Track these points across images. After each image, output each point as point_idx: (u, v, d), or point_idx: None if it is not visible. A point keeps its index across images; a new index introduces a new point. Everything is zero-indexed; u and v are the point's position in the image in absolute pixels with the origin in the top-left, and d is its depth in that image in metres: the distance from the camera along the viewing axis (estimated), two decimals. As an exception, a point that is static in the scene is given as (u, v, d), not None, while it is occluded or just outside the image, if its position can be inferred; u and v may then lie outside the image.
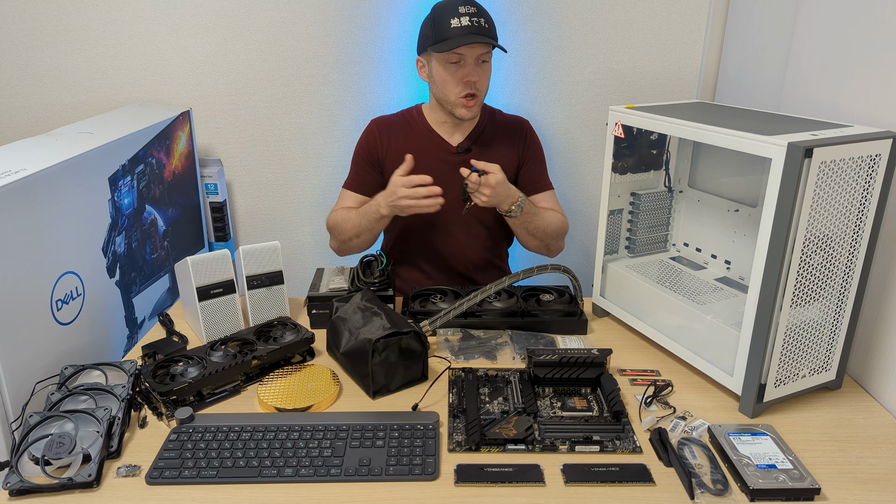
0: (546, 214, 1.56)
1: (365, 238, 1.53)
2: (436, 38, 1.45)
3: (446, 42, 1.42)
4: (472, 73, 1.46)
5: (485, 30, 1.44)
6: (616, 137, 1.29)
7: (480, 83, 1.48)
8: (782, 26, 1.45)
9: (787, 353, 1.04)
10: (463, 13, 1.43)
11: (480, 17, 1.45)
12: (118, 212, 1.42)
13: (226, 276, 1.30)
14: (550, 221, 1.56)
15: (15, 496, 0.89)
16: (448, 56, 1.45)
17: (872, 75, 1.14)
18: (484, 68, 1.48)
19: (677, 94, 1.90)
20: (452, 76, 1.47)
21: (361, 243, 1.55)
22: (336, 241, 1.59)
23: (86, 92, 1.90)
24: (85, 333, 1.28)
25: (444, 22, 1.44)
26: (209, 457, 0.95)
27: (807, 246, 0.98)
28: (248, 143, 1.95)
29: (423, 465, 0.94)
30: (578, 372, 1.12)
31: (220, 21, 1.83)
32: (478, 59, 1.46)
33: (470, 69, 1.46)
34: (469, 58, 1.45)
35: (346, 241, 1.55)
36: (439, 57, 1.47)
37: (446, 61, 1.46)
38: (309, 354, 1.27)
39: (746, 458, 0.93)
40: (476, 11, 1.45)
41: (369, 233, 1.51)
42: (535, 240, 1.56)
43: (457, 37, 1.42)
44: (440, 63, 1.47)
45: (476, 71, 1.46)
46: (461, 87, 1.47)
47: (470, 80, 1.46)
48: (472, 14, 1.44)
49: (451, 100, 1.50)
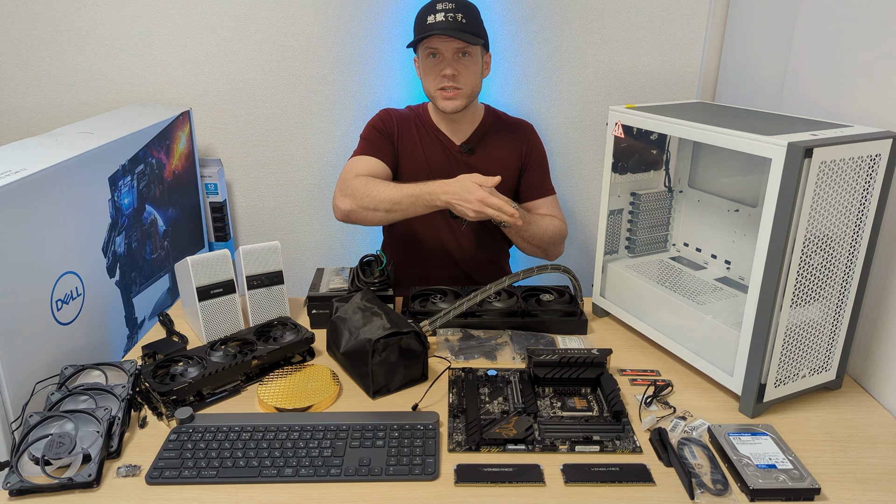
0: (542, 221, 1.55)
1: (392, 216, 1.42)
2: (415, 34, 1.50)
3: (418, 37, 1.47)
4: (448, 67, 1.47)
5: (460, 24, 1.45)
6: (616, 137, 1.29)
7: (461, 77, 1.49)
8: (782, 26, 1.45)
9: (787, 353, 1.04)
10: (440, 9, 1.46)
11: (458, 13, 1.46)
12: (118, 212, 1.42)
13: (226, 276, 1.30)
14: (547, 228, 1.55)
15: (15, 496, 0.89)
16: (424, 50, 1.50)
17: (872, 75, 1.14)
18: (464, 62, 1.49)
19: (677, 94, 1.90)
20: (431, 70, 1.51)
21: (383, 219, 1.44)
22: (353, 202, 1.44)
23: (86, 92, 1.90)
24: (85, 333, 1.28)
25: (423, 18, 1.49)
26: (209, 457, 0.95)
27: (807, 246, 0.98)
28: (248, 143, 1.95)
29: (423, 465, 0.94)
30: (578, 372, 1.12)
31: (220, 21, 1.83)
32: (456, 53, 1.47)
33: (446, 63, 1.47)
34: (446, 52, 1.47)
35: (368, 208, 1.42)
36: (420, 52, 1.52)
37: (425, 56, 1.51)
38: (309, 354, 1.27)
39: (746, 458, 0.93)
40: (453, 7, 1.46)
41: (402, 213, 1.40)
42: (532, 246, 1.56)
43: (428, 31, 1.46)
44: (422, 58, 1.52)
45: (453, 64, 1.47)
46: (438, 79, 1.49)
47: (445, 73, 1.47)
48: (447, 10, 1.46)
49: (431, 93, 1.53)
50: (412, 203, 1.39)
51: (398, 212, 1.41)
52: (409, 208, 1.40)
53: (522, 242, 1.55)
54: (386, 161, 1.55)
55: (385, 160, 1.55)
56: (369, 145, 1.57)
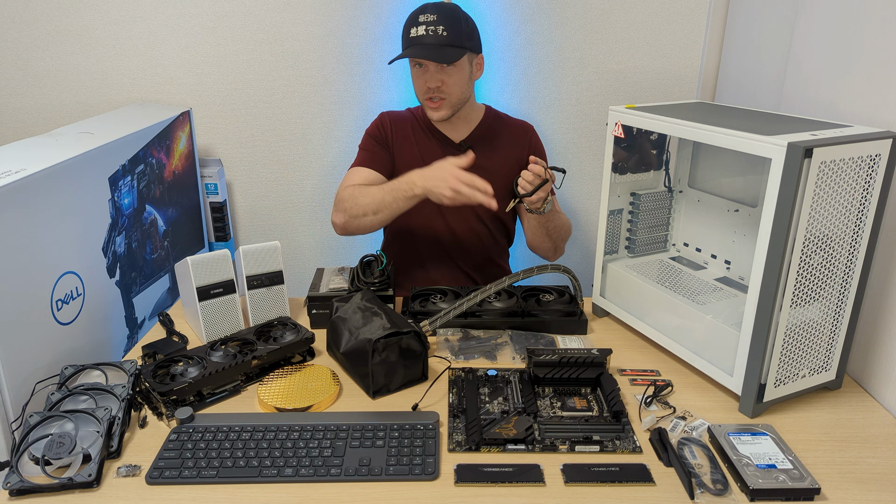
0: (561, 215, 1.58)
1: (381, 217, 1.44)
2: (402, 45, 1.52)
3: (399, 55, 1.48)
4: (431, 80, 1.48)
5: (441, 38, 1.45)
6: (616, 137, 1.29)
7: (445, 87, 1.49)
8: (782, 26, 1.45)
9: (787, 353, 1.04)
10: (421, 21, 1.47)
11: (438, 26, 1.45)
12: (118, 212, 1.42)
13: (226, 276, 1.30)
14: (564, 222, 1.59)
15: (15, 496, 0.89)
16: (411, 59, 1.50)
17: (872, 75, 1.14)
18: (448, 72, 1.48)
19: (677, 94, 1.90)
20: (417, 79, 1.52)
21: (374, 222, 1.46)
22: (345, 214, 1.48)
23: (86, 92, 1.90)
24: (85, 333, 1.28)
25: (407, 30, 1.50)
26: (209, 457, 0.95)
27: (807, 246, 0.98)
28: (248, 143, 1.95)
29: (423, 465, 0.94)
30: (578, 372, 1.12)
31: (220, 21, 1.83)
32: (439, 65, 1.47)
33: (430, 75, 1.48)
34: (430, 64, 1.48)
35: (358, 216, 1.45)
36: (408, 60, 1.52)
37: (412, 65, 1.52)
38: (309, 354, 1.27)
39: (746, 458, 0.93)
40: (434, 20, 1.46)
41: (388, 211, 1.42)
42: (550, 240, 1.57)
43: (407, 47, 1.49)
44: (410, 66, 1.54)
45: (436, 77, 1.48)
46: (424, 89, 1.51)
47: (430, 85, 1.48)
48: (428, 23, 1.46)
49: (420, 101, 1.56)
50: (394, 198, 1.40)
51: (385, 211, 1.42)
52: (392, 204, 1.41)
53: (543, 236, 1.56)
54: (380, 168, 1.57)
55: (379, 168, 1.56)
56: (364, 155, 1.59)
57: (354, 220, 1.47)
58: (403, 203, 1.40)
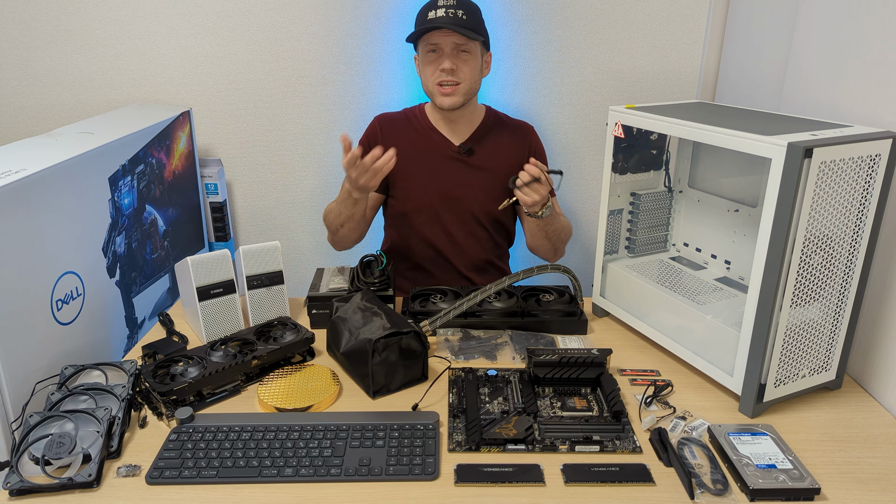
0: (561, 218, 1.58)
1: (350, 227, 1.52)
2: (417, 27, 1.51)
3: (419, 30, 1.48)
4: (447, 62, 1.48)
5: (461, 21, 1.46)
6: (616, 137, 1.29)
7: (460, 72, 1.49)
8: (782, 26, 1.45)
9: (787, 353, 1.04)
10: (441, 5, 1.47)
11: (458, 9, 1.47)
12: (118, 212, 1.42)
13: (226, 276, 1.30)
14: (564, 225, 1.58)
15: (15, 496, 0.89)
16: (425, 46, 1.50)
17: (872, 75, 1.14)
18: (463, 58, 1.49)
19: (677, 94, 1.90)
20: (430, 64, 1.51)
21: (350, 233, 1.55)
22: (328, 232, 1.60)
23: (86, 92, 1.90)
24: (85, 333, 1.28)
25: (424, 14, 1.50)
26: (209, 457, 0.95)
27: (807, 246, 0.98)
28: (248, 143, 1.95)
29: (423, 465, 0.94)
30: (578, 372, 1.12)
31: (220, 21, 1.83)
32: (455, 49, 1.48)
33: (445, 57, 1.48)
34: (445, 47, 1.48)
35: (334, 231, 1.56)
36: (420, 48, 1.52)
37: (425, 52, 1.51)
38: (309, 354, 1.27)
39: (746, 458, 0.93)
40: (454, 4, 1.47)
41: (351, 220, 1.50)
42: (549, 243, 1.56)
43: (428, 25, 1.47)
44: (422, 54, 1.53)
45: (452, 59, 1.48)
46: (437, 74, 1.50)
47: (444, 67, 1.48)
48: (449, 6, 1.47)
49: (430, 88, 1.54)
50: (344, 206, 1.47)
51: (348, 219, 1.50)
52: (350, 209, 1.47)
53: (543, 239, 1.55)
54: None
55: None
56: None
57: (335, 236, 1.58)
58: (354, 208, 1.47)
